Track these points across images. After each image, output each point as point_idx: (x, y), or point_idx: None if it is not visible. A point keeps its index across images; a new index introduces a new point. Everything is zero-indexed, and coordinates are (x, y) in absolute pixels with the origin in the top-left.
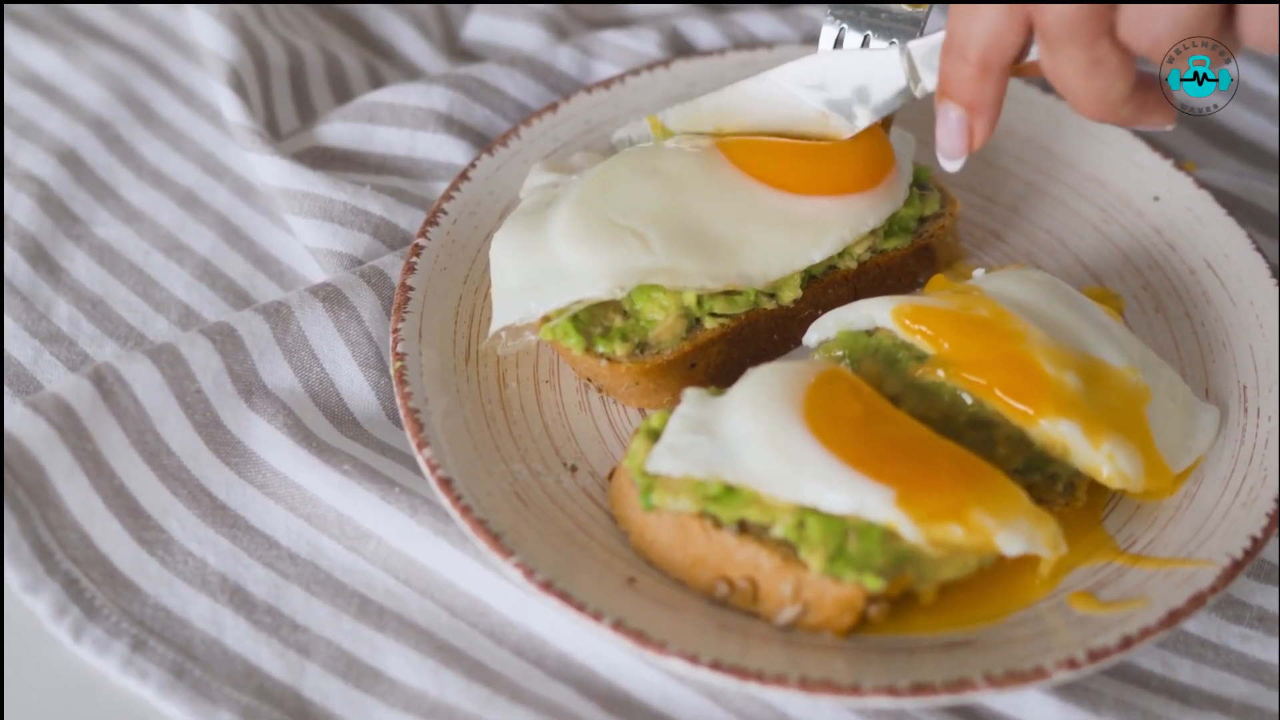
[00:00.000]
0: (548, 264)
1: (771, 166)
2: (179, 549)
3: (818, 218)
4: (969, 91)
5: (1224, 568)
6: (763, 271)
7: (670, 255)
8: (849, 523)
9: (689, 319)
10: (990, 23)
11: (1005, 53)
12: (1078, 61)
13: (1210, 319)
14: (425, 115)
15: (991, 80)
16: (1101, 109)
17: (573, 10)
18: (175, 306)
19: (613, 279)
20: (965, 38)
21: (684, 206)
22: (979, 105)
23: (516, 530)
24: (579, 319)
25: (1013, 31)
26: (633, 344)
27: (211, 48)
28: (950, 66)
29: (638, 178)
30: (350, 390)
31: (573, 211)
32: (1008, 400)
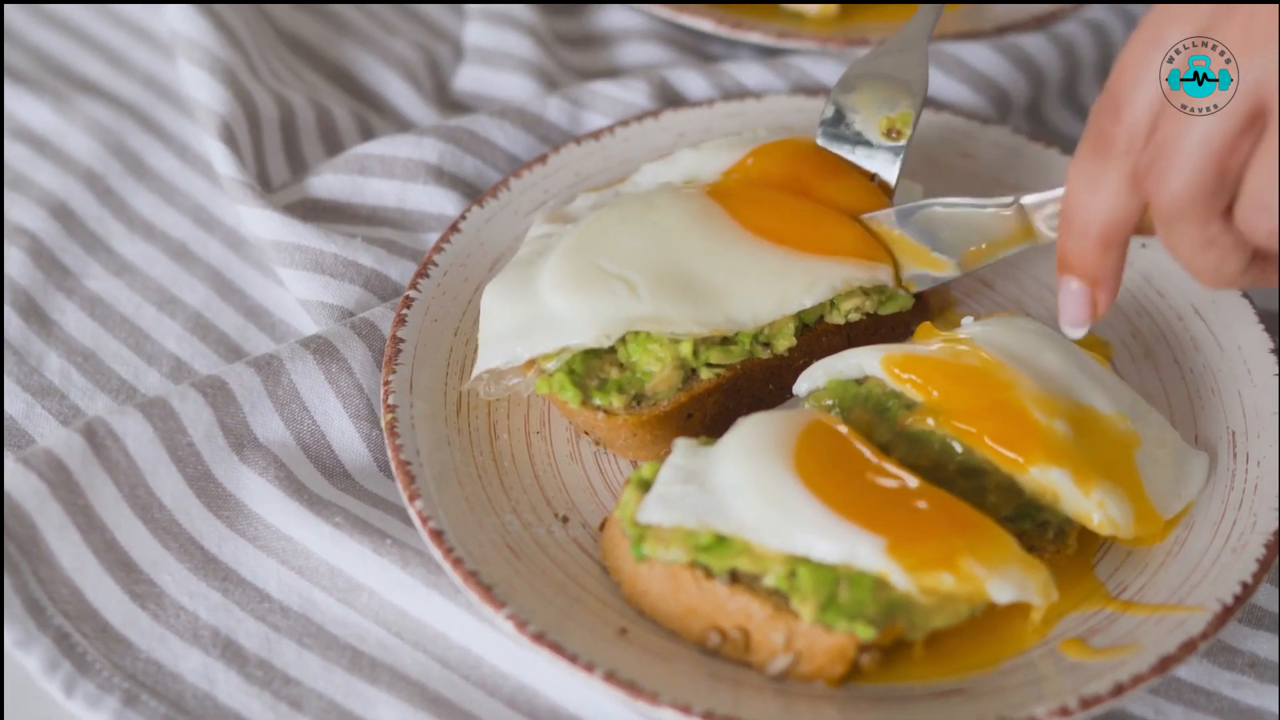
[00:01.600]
0: (535, 311)
1: (767, 220)
2: (171, 603)
3: (809, 267)
4: (1091, 267)
5: (1215, 613)
6: (752, 315)
7: (657, 301)
8: (840, 572)
9: (685, 370)
10: (1109, 200)
11: (1125, 229)
12: (1192, 239)
13: (1199, 365)
14: (416, 167)
15: (1113, 254)
16: (1218, 281)
17: (562, 60)
18: (167, 359)
19: (598, 326)
20: (1084, 214)
21: (674, 254)
22: (1101, 279)
23: (508, 582)
24: (575, 371)
25: (1132, 208)
26: (629, 396)
27: (203, 101)
28: (1070, 242)
29: (629, 226)
30: (342, 442)
31: (562, 259)
32: (997, 448)
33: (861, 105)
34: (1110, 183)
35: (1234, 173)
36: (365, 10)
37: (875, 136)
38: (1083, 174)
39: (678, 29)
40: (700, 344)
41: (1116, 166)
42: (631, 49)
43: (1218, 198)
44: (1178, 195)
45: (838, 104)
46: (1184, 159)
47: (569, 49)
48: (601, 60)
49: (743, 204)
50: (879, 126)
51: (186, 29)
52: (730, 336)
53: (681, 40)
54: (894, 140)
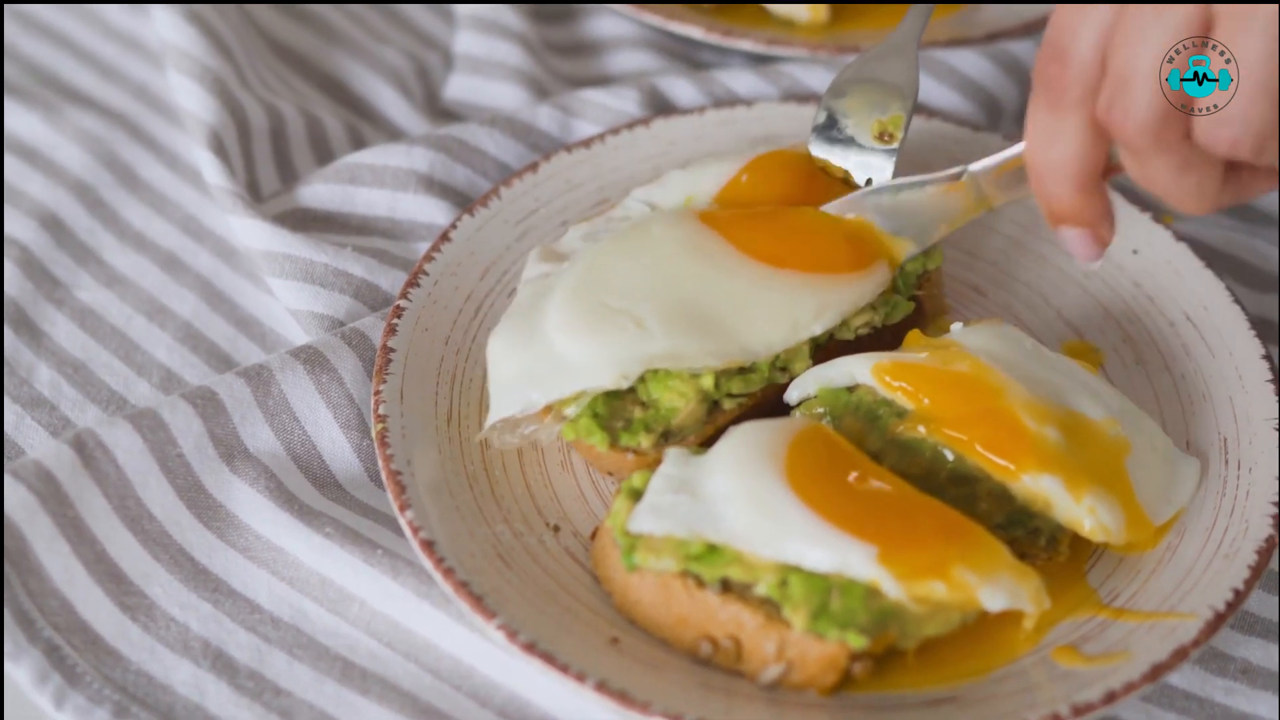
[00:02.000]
0: (546, 356)
1: (763, 242)
2: (161, 614)
3: (816, 289)
4: (1079, 213)
5: (1207, 620)
6: (765, 345)
7: (670, 337)
8: (832, 580)
9: (708, 402)
10: (1075, 147)
11: (1097, 170)
12: (1167, 166)
13: (1190, 371)
14: (406, 176)
15: (1095, 195)
16: (1201, 204)
17: (552, 69)
18: (157, 370)
19: (616, 367)
20: (1053, 169)
21: (678, 285)
22: (1094, 219)
23: (499, 592)
24: (599, 415)
25: (1099, 149)
26: (656, 434)
27: (192, 111)
28: (1049, 198)
29: (628, 259)
30: (332, 453)
31: (566, 300)
32: (989, 455)
33: (853, 110)
34: (1072, 130)
35: None
36: (355, 19)
37: (868, 140)
38: (1040, 129)
39: (668, 36)
40: (720, 375)
41: (1074, 112)
42: (622, 57)
43: (1181, 117)
44: (1144, 124)
45: (830, 109)
46: (1142, 85)
47: (559, 57)
48: (592, 68)
49: (737, 228)
50: (871, 130)
51: (176, 38)
52: (749, 366)
53: (672, 48)
54: (886, 143)
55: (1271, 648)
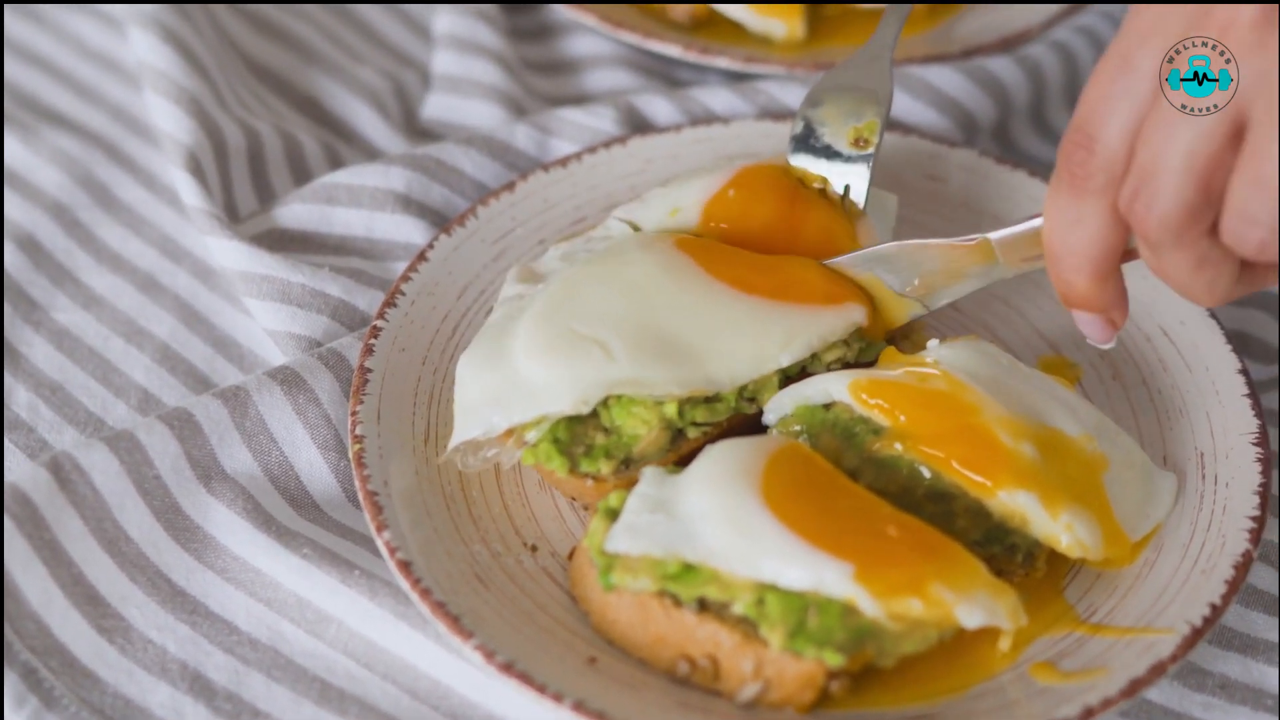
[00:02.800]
0: (510, 379)
1: (737, 269)
2: (138, 636)
3: (786, 322)
4: (1094, 300)
5: (1184, 636)
6: (730, 376)
7: (634, 364)
8: (808, 599)
9: (671, 430)
10: (1095, 234)
11: (1115, 259)
12: (1184, 261)
13: (1167, 386)
14: (383, 196)
15: (1111, 282)
16: (1213, 298)
17: (530, 87)
18: (135, 391)
19: (576, 393)
20: (1072, 253)
21: (648, 312)
22: (1108, 306)
23: (476, 612)
24: (560, 440)
25: (1119, 238)
26: (617, 460)
27: (169, 131)
28: (1064, 283)
29: (600, 285)
30: (309, 473)
31: (535, 323)
32: (965, 472)
33: (829, 118)
34: (1093, 217)
35: (1218, 189)
36: (333, 39)
37: (844, 147)
38: (1063, 212)
39: (646, 55)
40: (685, 404)
41: (1096, 200)
42: (600, 75)
43: (1205, 216)
44: (1166, 219)
45: (806, 119)
46: (1168, 182)
47: (537, 76)
48: (570, 86)
49: (712, 255)
50: (847, 137)
51: (153, 59)
52: (714, 395)
53: (649, 66)
54: (862, 149)
55: (1249, 663)
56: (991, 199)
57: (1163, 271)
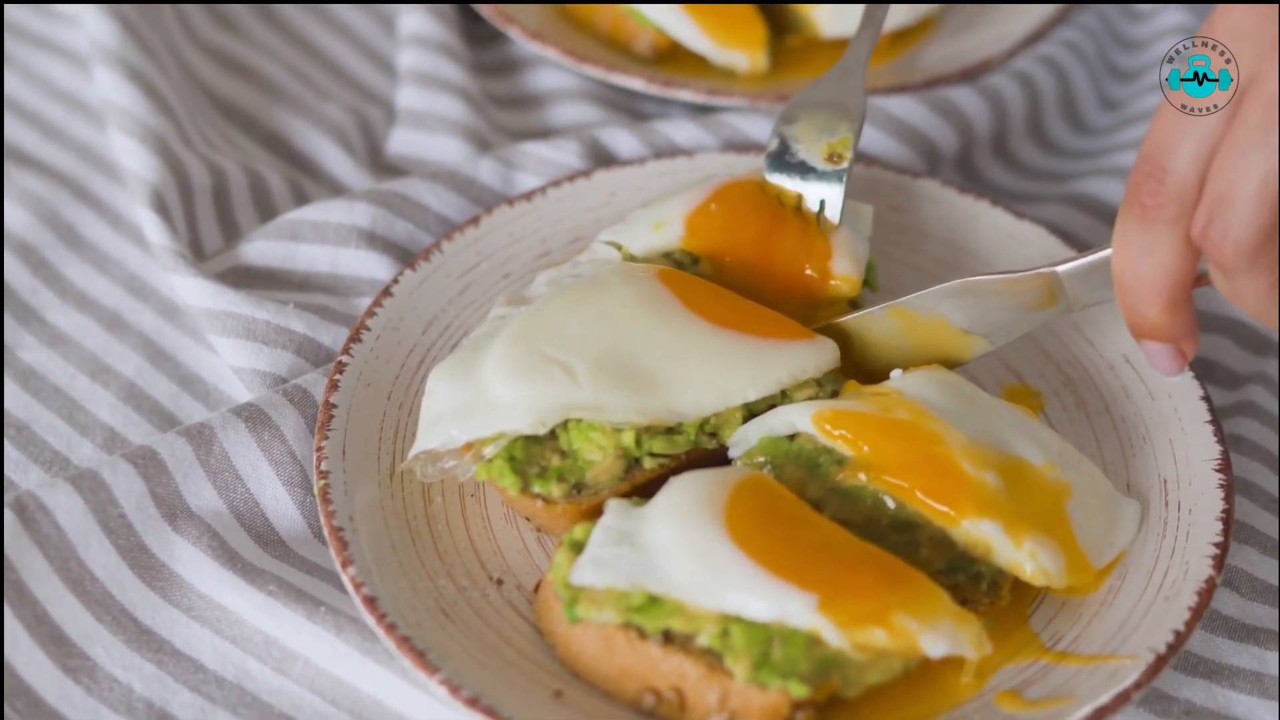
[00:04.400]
0: (476, 394)
1: (715, 305)
2: (104, 675)
3: (757, 357)
4: (1166, 329)
5: (1149, 662)
6: (694, 407)
7: (595, 389)
8: (773, 630)
9: (627, 459)
10: (1168, 263)
11: (1188, 287)
12: (1258, 286)
13: (1130, 413)
14: (348, 232)
15: (1183, 311)
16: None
17: (495, 121)
18: (100, 430)
19: (534, 413)
20: (1144, 283)
21: (618, 339)
22: (1179, 335)
23: (442, 646)
24: (515, 458)
25: (1190, 267)
26: (569, 484)
27: (134, 170)
28: (1136, 314)
29: (576, 310)
30: (275, 510)
31: (507, 343)
32: (929, 502)
33: (803, 134)
34: (1165, 247)
35: None
36: (298, 76)
37: (818, 163)
38: (1134, 242)
39: (610, 88)
40: (643, 433)
41: (1168, 230)
42: (564, 109)
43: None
44: (1241, 245)
45: (781, 135)
46: (1243, 208)
47: (502, 110)
48: (534, 120)
49: (693, 289)
50: (821, 153)
51: (117, 98)
52: (675, 427)
53: (613, 99)
54: (835, 164)
55: (1214, 688)
56: (955, 229)
57: (1236, 296)
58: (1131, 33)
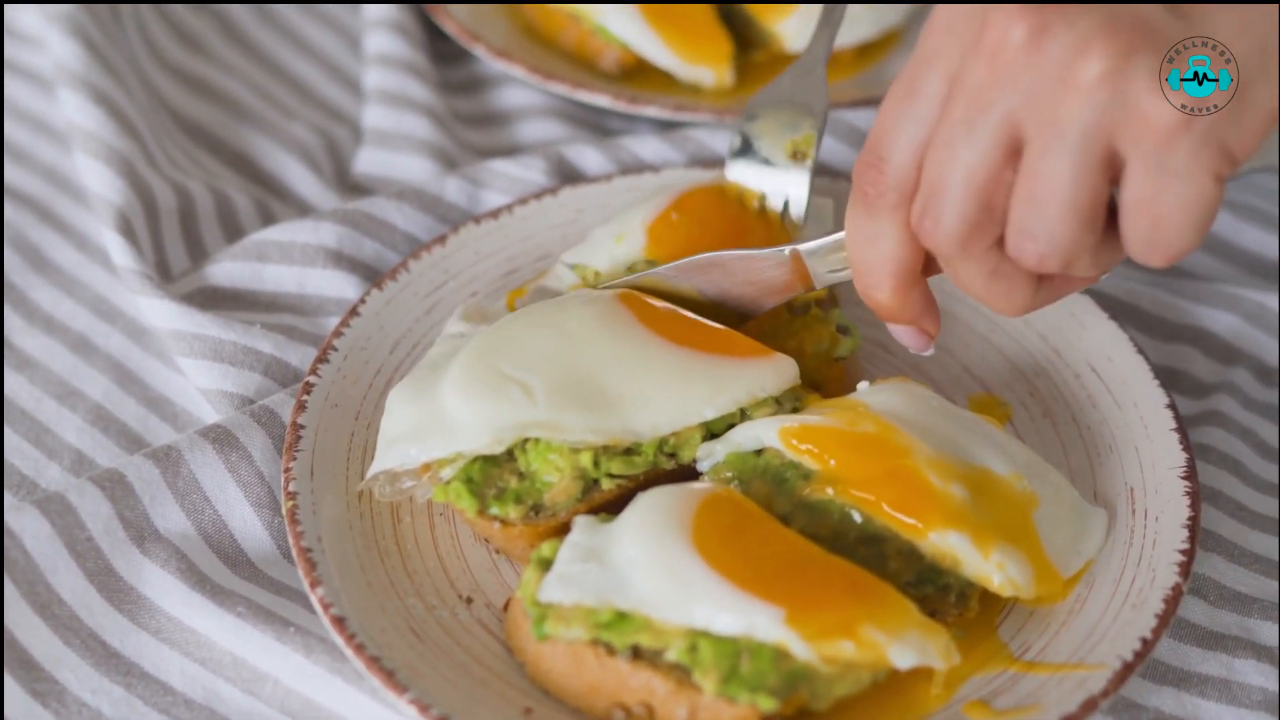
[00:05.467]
0: (434, 414)
1: (675, 326)
2: (72, 700)
3: (715, 375)
4: (900, 312)
5: (1116, 670)
6: (651, 426)
7: (552, 408)
8: (741, 644)
9: (585, 480)
10: (890, 250)
11: (913, 271)
12: (977, 273)
13: (1096, 422)
14: (314, 252)
15: (914, 293)
16: (1013, 308)
17: (461, 140)
18: (68, 453)
19: (491, 433)
20: (871, 269)
21: (576, 359)
22: (915, 316)
23: (411, 666)
24: (473, 480)
25: (913, 252)
26: (527, 506)
27: (99, 192)
28: (871, 298)
29: (535, 330)
30: (244, 531)
31: (466, 363)
32: (896, 514)
33: (766, 132)
34: (887, 234)
35: (1000, 205)
36: (264, 96)
37: (781, 159)
38: (859, 230)
39: (576, 105)
40: (601, 454)
41: (889, 217)
42: (530, 126)
43: (989, 230)
44: (951, 234)
45: (744, 133)
46: (951, 199)
47: (468, 128)
48: (501, 138)
49: (652, 311)
50: (784, 149)
51: (82, 120)
52: (633, 447)
53: (580, 116)
54: (799, 161)
55: (1182, 696)
56: None
57: (960, 282)
58: None
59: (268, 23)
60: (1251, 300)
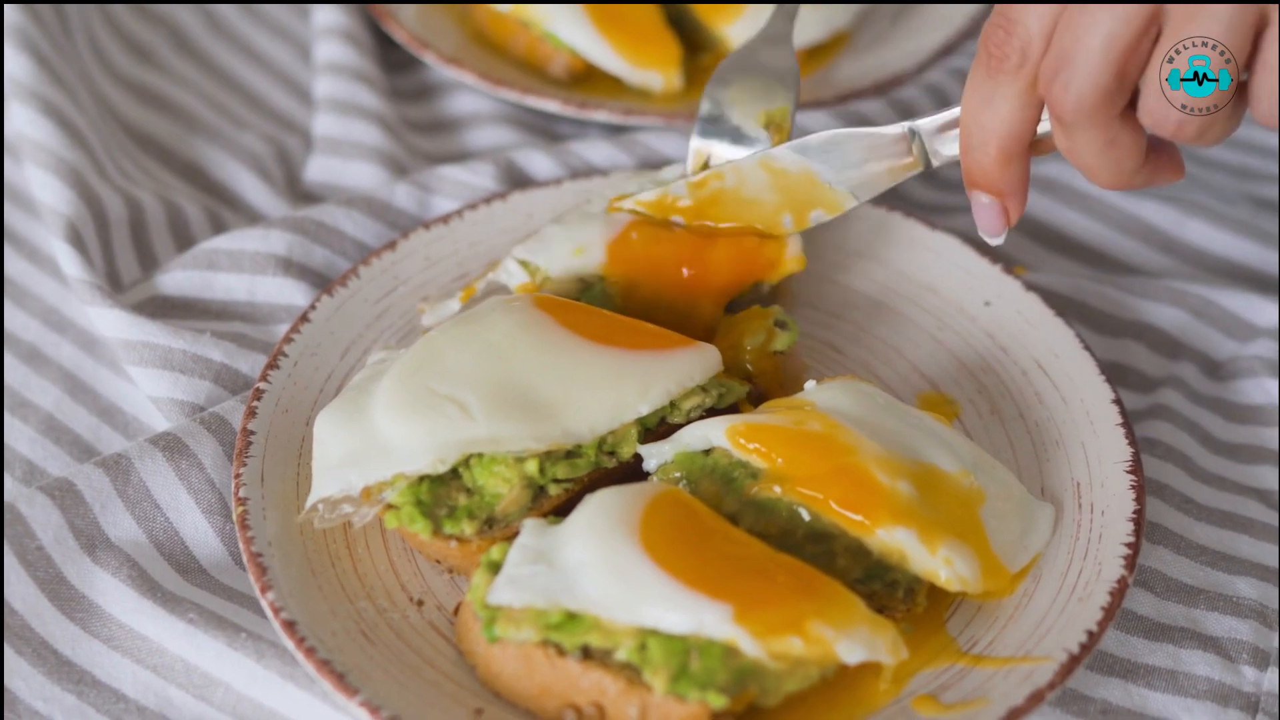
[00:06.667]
0: (368, 437)
1: (591, 322)
2: (24, 708)
3: (643, 370)
4: (996, 180)
5: (1062, 663)
6: (590, 427)
7: (491, 421)
8: (690, 642)
9: (533, 488)
10: (1005, 114)
11: (1023, 141)
12: (1093, 142)
13: (1043, 418)
14: (264, 259)
15: (1015, 166)
16: (1117, 181)
17: (412, 147)
18: (19, 464)
19: (433, 452)
20: (982, 131)
21: (506, 370)
22: (1007, 191)
23: (362, 669)
24: (423, 501)
25: (1028, 120)
26: (480, 520)
27: (48, 203)
28: (973, 159)
29: (459, 345)
30: (195, 538)
31: (394, 384)
32: (843, 512)
33: (737, 99)
34: (1005, 97)
35: (1133, 74)
36: (214, 106)
37: (753, 129)
38: (977, 92)
39: (526, 111)
40: (545, 460)
41: (1010, 81)
42: (481, 133)
43: (1118, 100)
44: (1082, 99)
45: (714, 99)
46: (1086, 64)
47: (419, 135)
48: (452, 145)
49: (571, 312)
50: (758, 119)
51: (31, 131)
52: (574, 449)
53: (530, 122)
54: (775, 134)
55: (1130, 687)
56: (870, 241)
57: (1073, 151)
58: None
59: (218, 33)
60: (1196, 295)
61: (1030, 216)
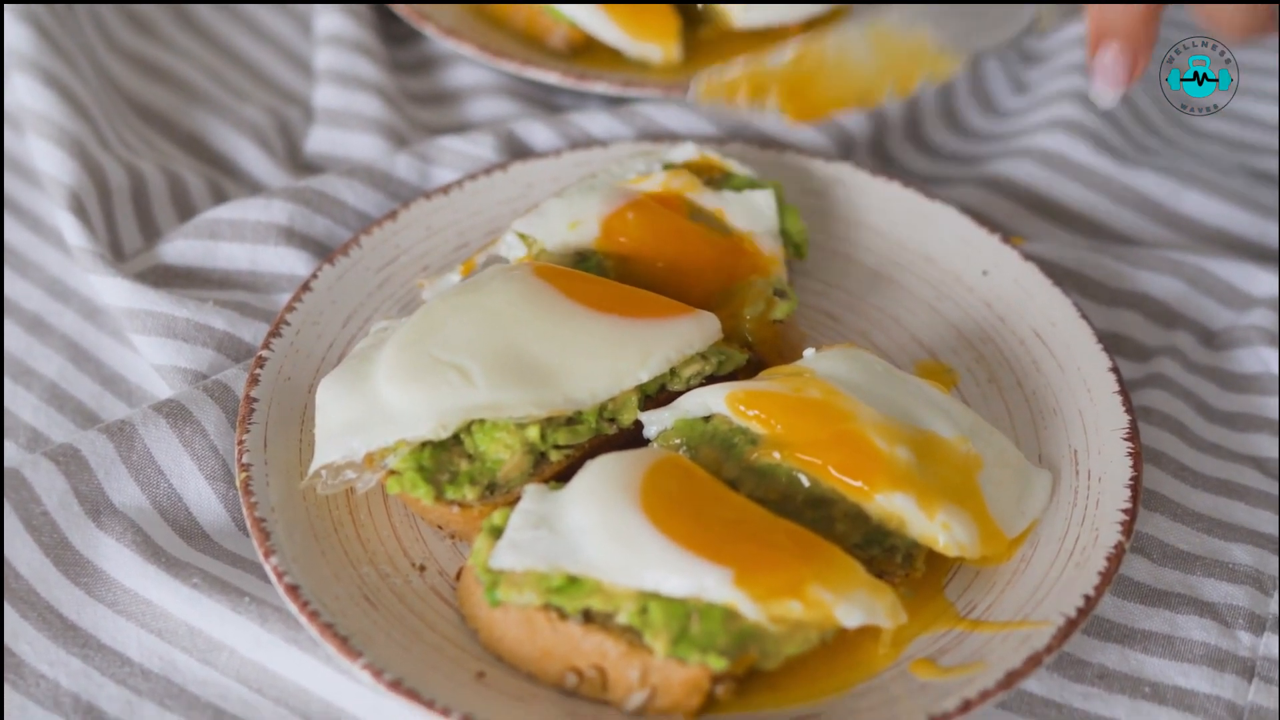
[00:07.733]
0: (371, 404)
1: (592, 290)
2: (30, 672)
3: (643, 338)
4: (1136, 29)
5: (1059, 627)
6: (590, 394)
7: (492, 388)
8: (690, 605)
9: (534, 454)
10: None
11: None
12: None
13: (1041, 387)
14: (266, 229)
15: (1154, 18)
16: (1249, 26)
17: (412, 118)
18: (24, 431)
19: (435, 418)
20: None
21: (507, 337)
22: (1140, 40)
23: (365, 632)
24: (425, 468)
25: None
26: (482, 486)
27: (51, 174)
28: (1117, 10)
29: (461, 313)
30: (199, 504)
31: (396, 351)
32: (842, 478)
33: None
34: None
35: None
36: (216, 78)
37: None
38: None
39: (526, 83)
40: (546, 426)
41: None
42: (481, 104)
43: None
44: None
45: None
46: None
47: (419, 107)
48: (452, 116)
49: (571, 280)
50: None
51: (33, 103)
52: (575, 416)
53: (530, 94)
54: None
55: (1126, 652)
56: (869, 211)
57: None
58: None
59: (220, 6)
60: (1192, 265)
61: (1028, 187)
